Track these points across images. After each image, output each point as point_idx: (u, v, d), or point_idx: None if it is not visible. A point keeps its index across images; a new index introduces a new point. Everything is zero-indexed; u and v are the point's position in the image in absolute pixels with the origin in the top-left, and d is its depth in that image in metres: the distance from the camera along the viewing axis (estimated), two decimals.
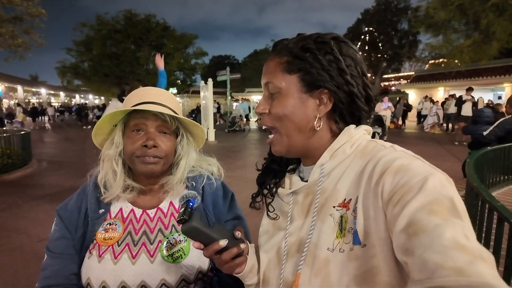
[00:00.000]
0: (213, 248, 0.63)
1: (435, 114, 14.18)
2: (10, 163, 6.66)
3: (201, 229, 0.62)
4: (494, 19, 12.68)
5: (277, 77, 0.64)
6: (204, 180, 0.97)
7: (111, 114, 0.86)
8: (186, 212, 0.64)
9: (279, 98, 0.64)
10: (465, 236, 0.41)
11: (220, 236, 0.64)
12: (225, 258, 0.65)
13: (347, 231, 0.56)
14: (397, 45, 33.22)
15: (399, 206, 0.47)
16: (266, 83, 0.66)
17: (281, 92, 0.63)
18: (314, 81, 0.62)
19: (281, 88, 0.63)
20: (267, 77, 0.66)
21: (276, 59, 0.65)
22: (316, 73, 0.61)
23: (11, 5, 9.43)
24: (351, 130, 0.64)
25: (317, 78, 0.61)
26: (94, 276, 0.81)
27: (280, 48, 0.66)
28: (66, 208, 0.90)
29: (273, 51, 0.68)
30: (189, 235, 0.64)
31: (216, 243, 0.63)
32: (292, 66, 0.63)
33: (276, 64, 0.64)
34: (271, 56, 0.67)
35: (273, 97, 0.65)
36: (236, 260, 0.67)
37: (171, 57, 22.71)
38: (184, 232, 0.63)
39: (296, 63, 0.62)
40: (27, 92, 46.58)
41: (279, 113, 0.63)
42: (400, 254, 0.46)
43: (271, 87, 0.65)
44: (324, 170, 0.63)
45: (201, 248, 0.65)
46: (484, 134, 4.23)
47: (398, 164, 0.51)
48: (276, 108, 0.64)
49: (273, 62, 0.65)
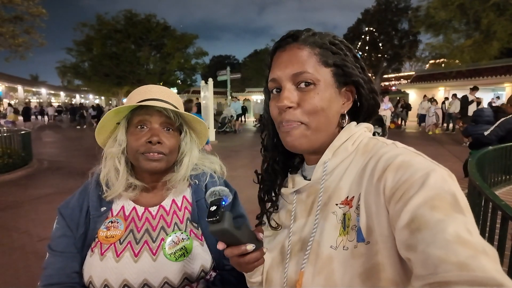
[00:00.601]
0: (240, 250, 0.62)
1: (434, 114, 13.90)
2: (11, 163, 6.67)
3: (232, 232, 0.60)
4: (494, 19, 12.67)
5: (315, 68, 0.60)
6: (207, 178, 0.97)
7: (115, 111, 0.86)
8: (218, 212, 0.59)
9: (316, 91, 0.59)
10: (467, 231, 0.41)
11: (247, 239, 0.63)
12: (249, 260, 0.65)
13: (350, 228, 0.55)
14: (398, 45, 33.18)
15: (402, 202, 0.47)
16: (298, 73, 0.59)
17: (319, 84, 0.60)
18: (346, 76, 0.62)
19: (319, 80, 0.60)
20: (298, 66, 0.59)
21: (307, 48, 0.61)
22: (350, 68, 0.61)
23: (12, 5, 9.43)
24: (351, 128, 0.64)
25: (351, 73, 0.61)
26: (96, 274, 0.81)
27: (306, 38, 0.62)
28: (68, 206, 0.90)
29: (294, 40, 0.62)
30: (217, 236, 0.62)
31: (244, 246, 0.62)
32: (328, 59, 0.61)
33: (309, 54, 0.60)
34: (295, 45, 0.61)
35: (305, 90, 0.60)
36: (255, 263, 0.67)
37: (171, 57, 22.76)
38: (213, 232, 0.60)
39: (330, 57, 0.61)
40: (27, 92, 46.62)
41: (317, 107, 0.59)
42: (403, 250, 0.46)
43: (305, 78, 0.59)
44: (327, 168, 0.63)
45: (225, 248, 0.63)
46: (485, 134, 4.23)
47: (399, 160, 0.51)
48: (312, 102, 0.59)
49: (305, 51, 0.60)
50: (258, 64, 33.22)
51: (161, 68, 23.45)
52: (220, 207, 0.61)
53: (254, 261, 0.66)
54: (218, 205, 0.61)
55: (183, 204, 0.95)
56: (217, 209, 0.60)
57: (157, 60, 23.92)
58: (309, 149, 0.64)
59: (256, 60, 35.62)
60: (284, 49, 0.63)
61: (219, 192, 0.66)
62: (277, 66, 0.63)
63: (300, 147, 0.63)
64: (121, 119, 0.90)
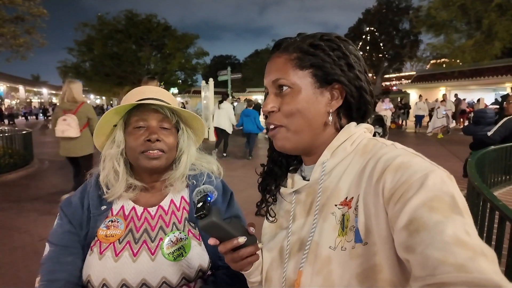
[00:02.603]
0: (232, 244, 0.63)
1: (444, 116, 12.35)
2: (12, 162, 6.69)
3: (221, 224, 0.61)
4: (496, 19, 12.64)
5: (289, 73, 0.63)
6: (204, 178, 0.98)
7: (112, 112, 0.87)
8: (205, 207, 0.61)
9: (291, 94, 0.63)
10: (466, 233, 0.41)
11: (238, 233, 0.63)
12: (242, 254, 0.65)
13: (349, 229, 0.55)
14: (399, 45, 33.20)
15: (400, 204, 0.47)
16: (276, 80, 0.64)
17: (294, 88, 0.62)
18: (327, 75, 0.62)
19: (293, 84, 0.62)
20: (276, 74, 0.64)
21: (285, 55, 0.64)
22: (329, 68, 0.62)
23: (13, 5, 9.45)
24: (351, 128, 0.64)
25: (331, 72, 0.62)
26: (95, 273, 0.81)
27: (287, 46, 0.65)
28: (71, 205, 0.90)
29: (277, 49, 0.67)
30: (207, 231, 0.63)
31: (235, 239, 0.63)
32: (304, 62, 0.62)
33: (286, 60, 0.64)
34: (276, 53, 0.66)
35: (283, 94, 0.64)
36: (249, 259, 0.67)
37: (172, 57, 22.77)
38: (202, 227, 0.61)
39: (307, 59, 0.62)
40: (28, 92, 46.72)
41: (292, 109, 0.62)
42: (402, 252, 0.46)
43: (281, 84, 0.63)
44: (325, 168, 0.63)
45: (217, 244, 0.64)
46: (489, 134, 4.22)
47: (398, 161, 0.51)
48: (288, 105, 0.62)
49: (282, 58, 0.64)
50: (259, 64, 33.27)
51: (162, 68, 23.45)
52: (206, 202, 0.62)
53: (248, 255, 0.66)
54: (204, 201, 0.63)
55: (181, 204, 0.95)
56: (203, 204, 0.62)
57: (158, 60, 23.95)
58: (294, 150, 0.66)
59: (257, 60, 35.66)
60: (270, 58, 0.68)
61: (203, 190, 0.68)
62: (265, 74, 0.68)
63: (283, 148, 0.66)
64: (118, 121, 0.91)
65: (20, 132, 7.69)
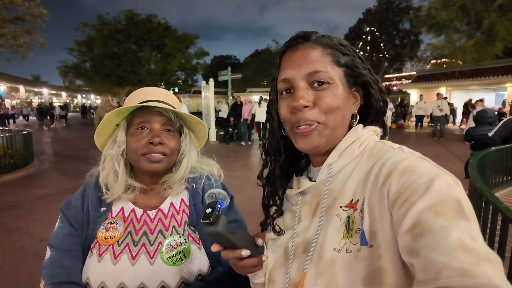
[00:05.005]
0: (235, 254, 0.62)
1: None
2: (12, 163, 6.69)
3: (226, 236, 0.60)
4: (496, 19, 12.63)
5: (327, 68, 0.60)
6: (203, 181, 0.97)
7: (116, 112, 0.86)
8: (212, 215, 0.59)
9: (330, 89, 0.59)
10: (471, 238, 0.41)
11: (243, 244, 0.62)
12: (245, 264, 0.65)
13: (354, 231, 0.55)
14: (399, 45, 33.21)
15: (405, 207, 0.46)
16: (314, 72, 0.59)
17: (334, 83, 0.60)
18: (357, 77, 0.62)
19: (332, 79, 0.60)
20: (313, 65, 0.59)
21: (320, 48, 0.61)
22: (361, 69, 0.62)
23: (13, 6, 9.47)
24: (358, 130, 0.64)
25: (362, 73, 0.62)
26: (93, 276, 0.81)
27: (318, 39, 0.62)
28: (70, 207, 0.90)
29: (305, 40, 0.62)
30: (211, 237, 0.62)
31: (238, 251, 0.62)
32: (340, 59, 0.61)
33: (322, 53, 0.61)
34: (308, 44, 0.61)
35: (318, 88, 0.60)
36: (252, 268, 0.67)
37: (173, 57, 22.77)
38: (207, 234, 0.60)
39: (341, 57, 0.62)
40: (29, 92, 46.81)
41: (333, 105, 0.59)
42: (406, 255, 0.45)
43: (320, 77, 0.59)
44: (332, 170, 0.62)
45: (220, 249, 0.63)
46: (489, 135, 4.20)
47: (404, 165, 0.51)
48: (329, 99, 0.59)
49: (318, 51, 0.61)
50: (259, 64, 33.27)
51: (162, 68, 23.47)
52: (215, 209, 0.60)
53: (251, 267, 0.66)
54: (213, 208, 0.61)
55: (181, 207, 0.94)
56: (212, 211, 0.60)
57: (158, 60, 23.95)
58: (326, 149, 0.63)
59: (257, 60, 35.62)
60: (296, 48, 0.62)
61: (216, 195, 0.65)
62: (289, 65, 0.62)
63: (316, 148, 0.61)
64: (120, 121, 0.90)
65: (21, 133, 7.69)
